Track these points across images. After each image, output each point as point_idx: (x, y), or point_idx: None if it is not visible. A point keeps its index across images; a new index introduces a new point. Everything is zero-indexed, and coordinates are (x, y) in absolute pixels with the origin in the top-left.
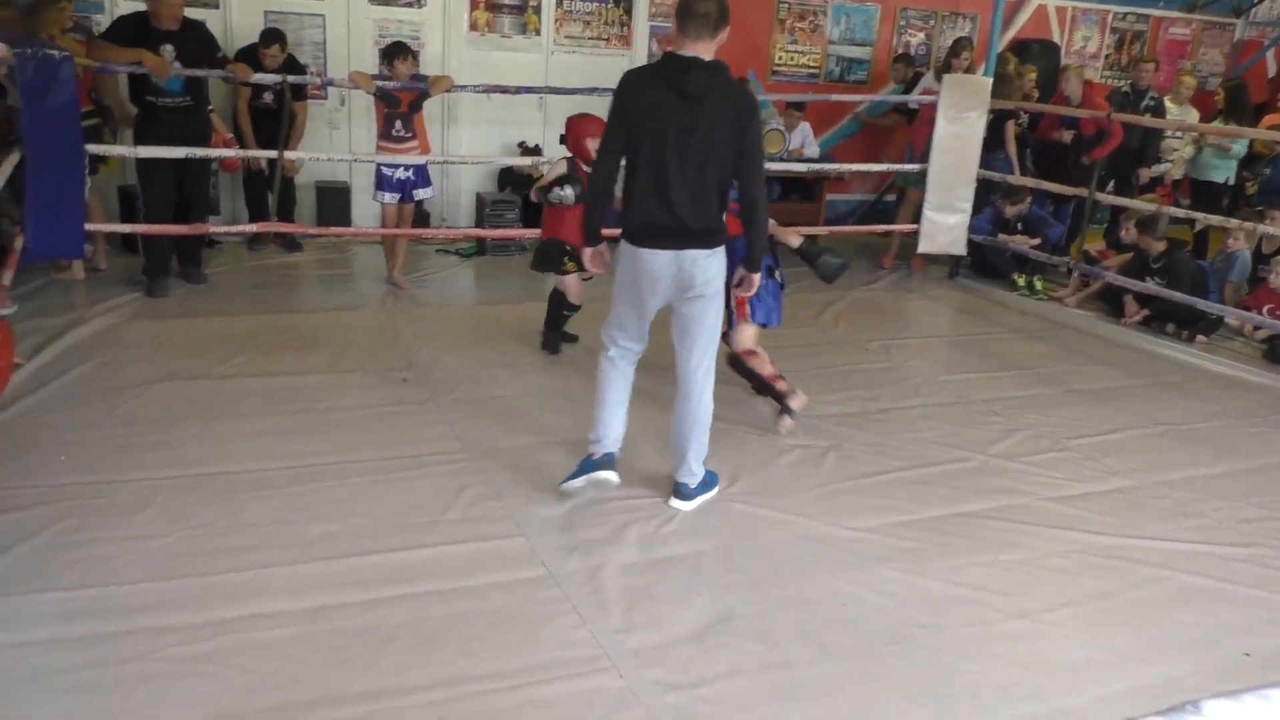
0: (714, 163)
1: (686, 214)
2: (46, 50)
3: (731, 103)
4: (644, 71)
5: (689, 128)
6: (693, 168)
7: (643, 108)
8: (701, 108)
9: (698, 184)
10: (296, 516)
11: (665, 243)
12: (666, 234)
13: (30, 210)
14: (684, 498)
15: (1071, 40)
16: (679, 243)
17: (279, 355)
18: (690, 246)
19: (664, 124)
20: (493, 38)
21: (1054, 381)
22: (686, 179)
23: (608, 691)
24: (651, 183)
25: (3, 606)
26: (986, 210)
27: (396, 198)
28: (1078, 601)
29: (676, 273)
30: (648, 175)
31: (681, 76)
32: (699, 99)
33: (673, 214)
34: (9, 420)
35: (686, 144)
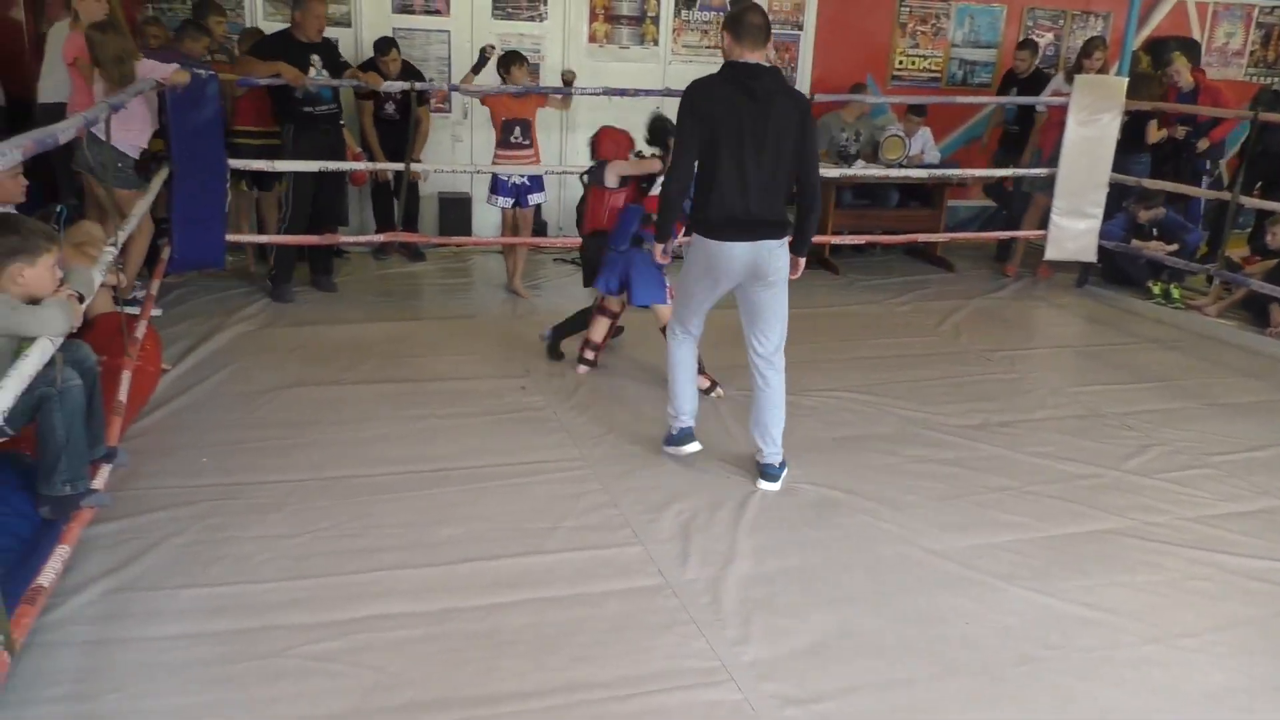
0: (784, 159)
1: (761, 207)
2: (194, 69)
3: (795, 103)
4: (713, 80)
5: (762, 128)
6: (767, 164)
7: (718, 113)
8: (771, 109)
9: (771, 179)
10: (421, 520)
11: (743, 235)
12: (744, 226)
13: (176, 222)
14: (771, 479)
15: (1213, 37)
16: (755, 234)
17: (403, 362)
18: (765, 238)
19: (740, 125)
20: (611, 49)
21: (1193, 394)
22: (762, 175)
23: (725, 704)
24: (730, 179)
25: (151, 601)
26: (1119, 215)
27: (510, 202)
28: (1220, 627)
29: (753, 262)
30: (727, 172)
31: (752, 82)
32: (769, 101)
33: (749, 208)
34: (157, 423)
35: (761, 142)
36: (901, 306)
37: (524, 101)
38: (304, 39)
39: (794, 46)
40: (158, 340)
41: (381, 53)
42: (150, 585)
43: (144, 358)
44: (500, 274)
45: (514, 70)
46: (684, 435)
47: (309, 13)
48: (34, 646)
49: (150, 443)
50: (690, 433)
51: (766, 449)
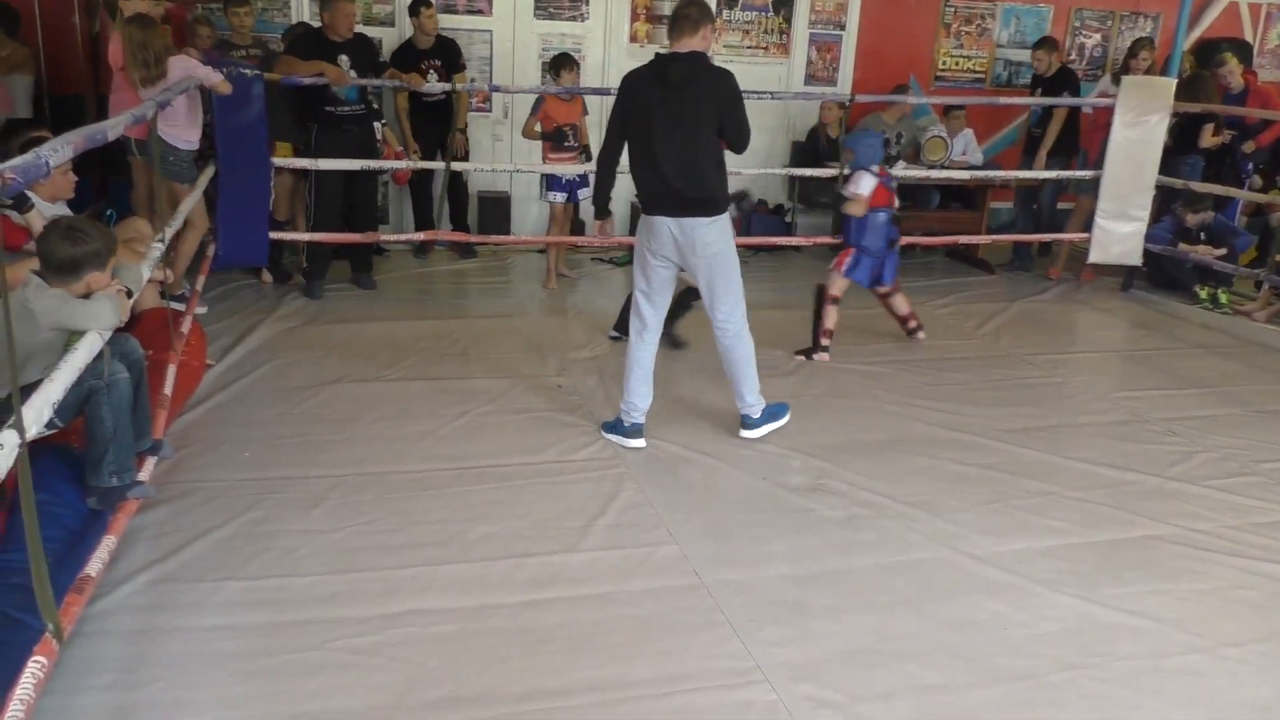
0: (701, 138)
1: (682, 185)
2: (240, 69)
3: (709, 82)
4: (638, 70)
5: (676, 111)
6: (682, 144)
7: (635, 100)
8: (683, 92)
9: (689, 158)
10: (459, 516)
11: (668, 210)
12: (668, 202)
13: (221, 219)
14: (749, 427)
15: (1266, 38)
16: (680, 210)
17: (442, 360)
18: (689, 214)
19: (651, 109)
20: (652, 49)
21: (1241, 401)
22: (679, 154)
23: (759, 705)
24: (649, 160)
25: (194, 592)
26: (1165, 218)
27: (564, 196)
28: (1266, 637)
29: (679, 237)
30: (647, 154)
31: (666, 69)
32: (681, 86)
33: (669, 186)
34: (201, 416)
35: (674, 124)
36: (942, 309)
37: (572, 106)
38: (335, 38)
39: (836, 46)
40: (203, 336)
41: (414, 14)
42: (194, 577)
43: (189, 353)
44: (540, 272)
45: (563, 74)
46: (634, 429)
47: (338, 12)
48: (81, 635)
49: (194, 436)
50: (640, 428)
51: (741, 403)
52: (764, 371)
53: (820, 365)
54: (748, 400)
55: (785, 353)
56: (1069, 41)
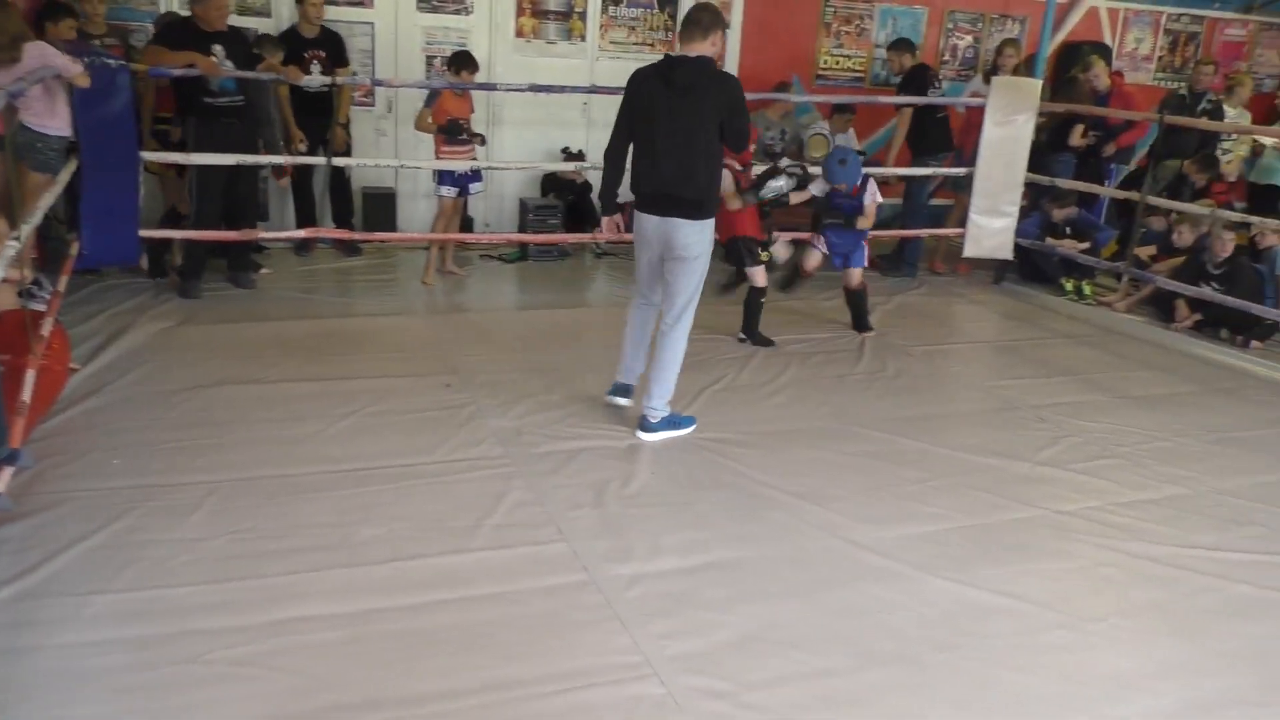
0: (698, 141)
1: (673, 186)
2: (104, 59)
3: (715, 88)
4: (645, 69)
5: (678, 112)
6: (679, 146)
7: (640, 99)
8: (687, 96)
9: (683, 160)
10: (343, 520)
11: (654, 209)
12: (655, 201)
13: (85, 216)
14: (645, 429)
15: (1124, 42)
16: (665, 210)
17: (326, 360)
18: (674, 214)
19: (654, 110)
20: (538, 44)
21: (1104, 388)
22: (673, 156)
23: (649, 698)
24: (645, 158)
25: (59, 607)
26: (1034, 214)
27: (456, 191)
28: (1127, 612)
29: (662, 235)
30: (643, 152)
31: (673, 71)
32: (685, 89)
33: (660, 186)
34: (65, 423)
35: (673, 126)
36: (825, 302)
37: (463, 101)
38: (206, 28)
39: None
40: (66, 338)
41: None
42: (60, 591)
43: (50, 356)
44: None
45: (463, 73)
46: (618, 388)
47: (210, 4)
48: None
49: (58, 444)
50: (624, 388)
51: (646, 402)
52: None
53: (702, 359)
54: (654, 403)
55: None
56: (942, 42)
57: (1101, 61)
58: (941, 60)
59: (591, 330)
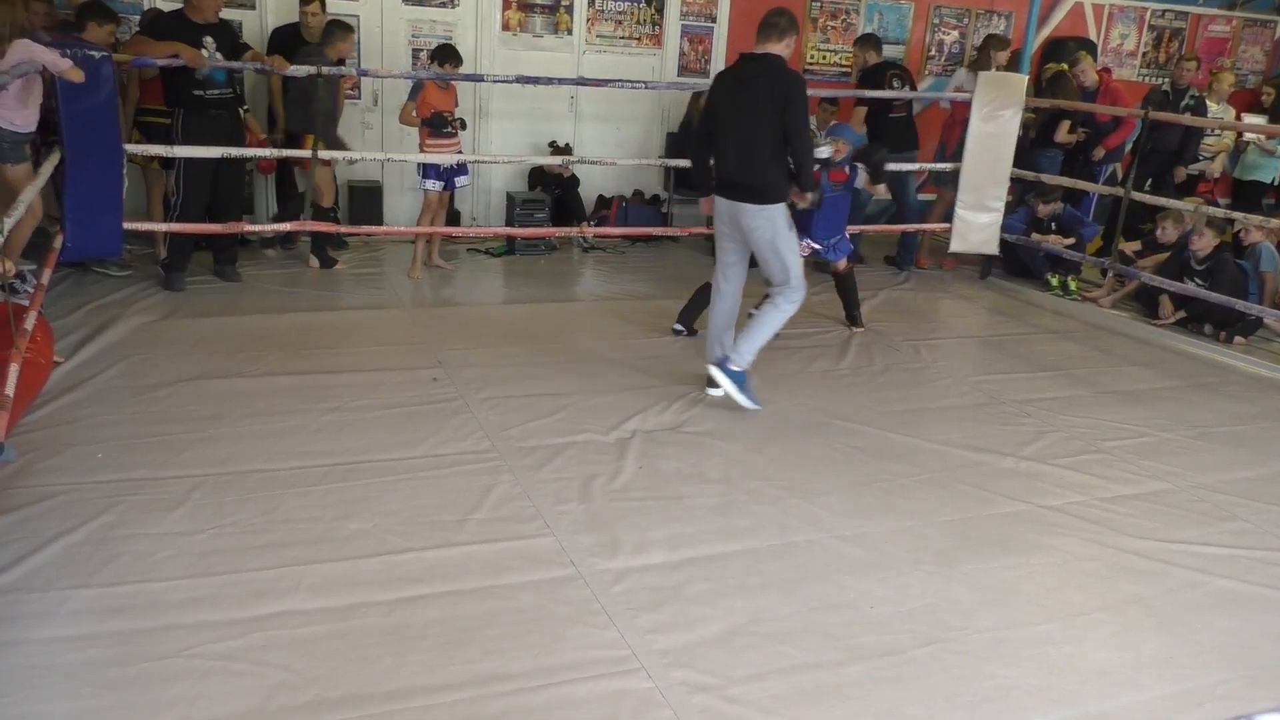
0: (761, 132)
1: (739, 173)
2: (86, 50)
3: (773, 84)
4: (723, 70)
5: (741, 106)
6: (744, 136)
7: (716, 94)
8: (752, 90)
9: (748, 149)
10: (328, 514)
11: (725, 193)
12: (727, 186)
13: (69, 209)
14: (723, 370)
15: (1108, 38)
16: (734, 194)
17: (311, 354)
18: (741, 199)
19: (728, 103)
20: (525, 37)
21: (1088, 383)
22: (740, 145)
23: (635, 692)
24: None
25: (41, 602)
26: (1020, 209)
27: (441, 185)
28: (1111, 606)
29: (732, 217)
30: (718, 142)
31: (742, 68)
32: (751, 84)
33: (728, 173)
34: (48, 417)
35: (736, 119)
36: (813, 296)
37: (448, 94)
38: (198, 20)
39: (708, 39)
40: (49, 331)
41: (303, 2)
42: (40, 586)
43: (33, 349)
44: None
45: (447, 66)
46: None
47: None
48: None
49: (41, 438)
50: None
51: (733, 350)
52: (641, 356)
53: (685, 353)
54: (741, 353)
55: (660, 337)
56: (928, 37)
57: (1089, 58)
58: (927, 55)
59: (579, 324)
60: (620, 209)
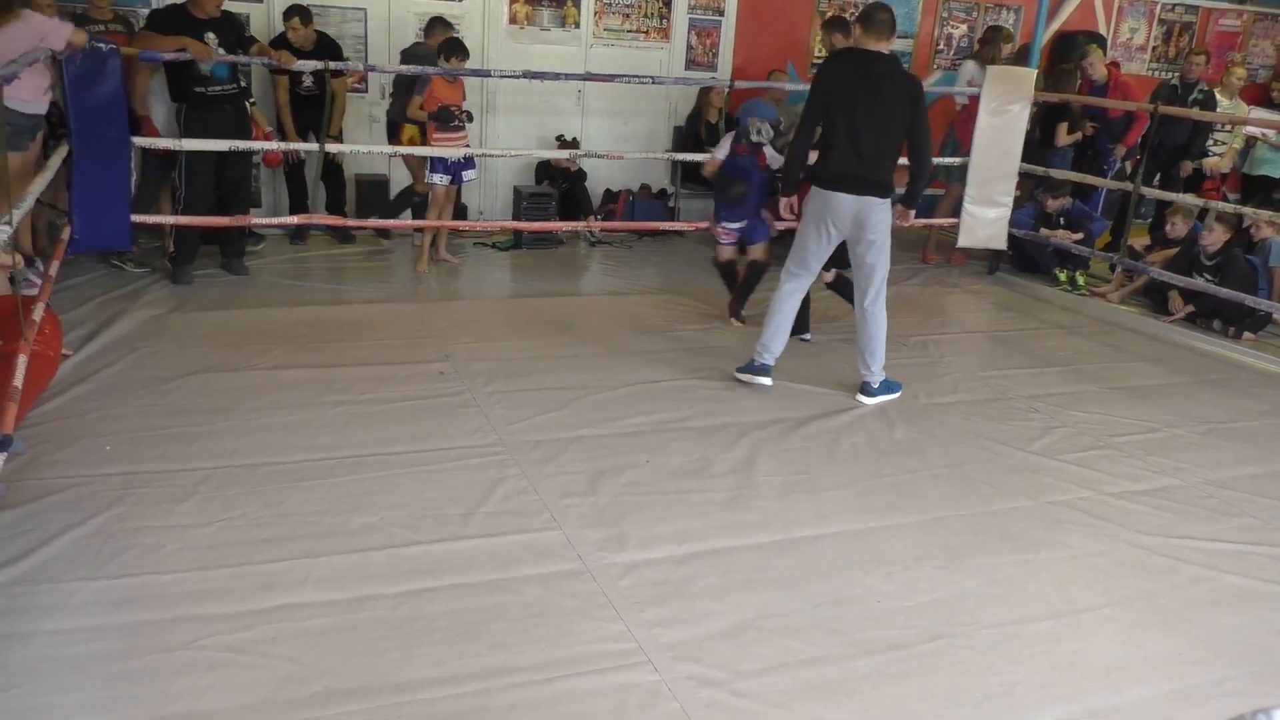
0: (892, 130)
1: (869, 168)
2: (94, 43)
3: (906, 85)
4: (836, 62)
5: (875, 102)
6: (875, 132)
7: (842, 87)
8: (884, 87)
9: (879, 144)
10: (336, 507)
11: (851, 188)
12: (853, 181)
13: (76, 201)
14: (867, 394)
15: (1118, 32)
16: (861, 189)
17: (318, 347)
18: (869, 194)
19: (856, 99)
20: (532, 30)
21: (1096, 378)
22: (871, 141)
23: (642, 686)
24: (845, 142)
25: (50, 594)
26: (1028, 204)
27: (448, 179)
28: (1118, 602)
29: (856, 214)
30: (842, 137)
31: (870, 65)
32: (882, 81)
33: (858, 168)
34: (57, 409)
35: (871, 114)
36: (820, 291)
37: (455, 88)
38: (200, 15)
39: (715, 32)
40: (58, 324)
41: (285, 19)
42: (50, 578)
43: (42, 342)
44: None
45: (454, 60)
46: (762, 368)
47: None
48: None
49: (50, 430)
50: (767, 369)
51: (864, 371)
52: (649, 350)
53: (693, 347)
54: (872, 369)
55: (668, 331)
56: (937, 31)
57: (1099, 51)
58: (936, 49)
59: (585, 318)
60: (627, 203)
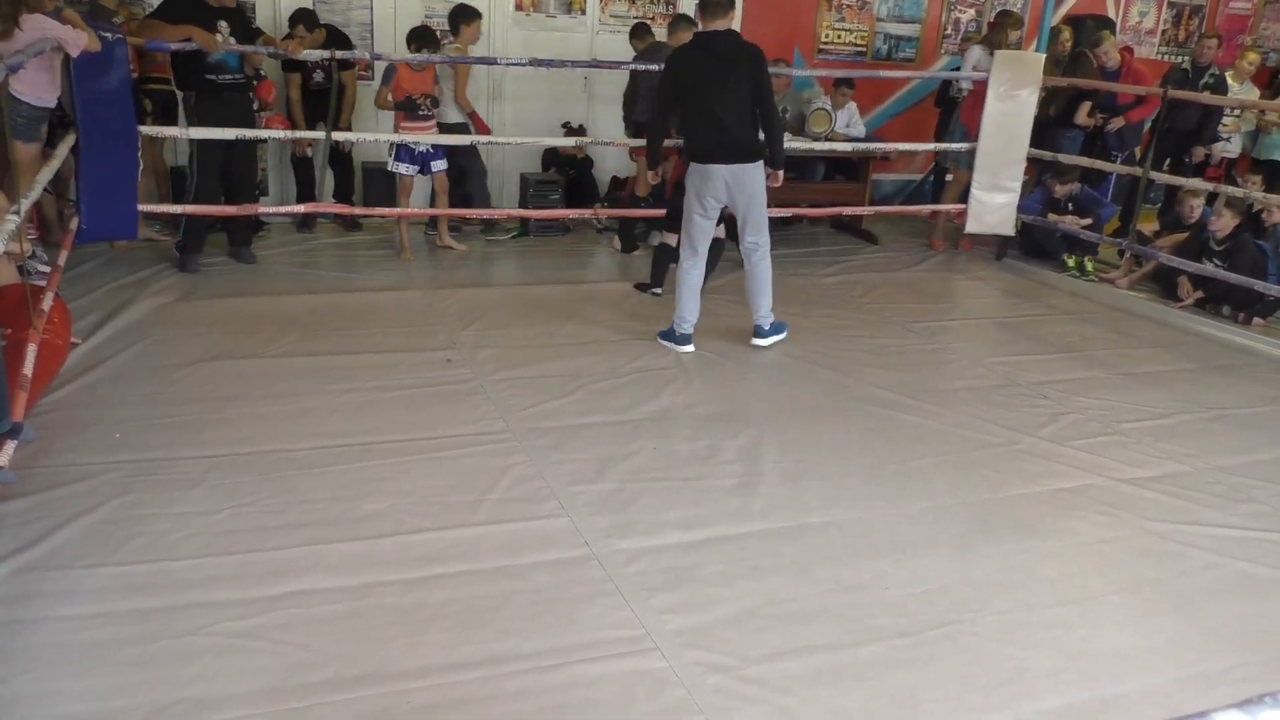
0: (744, 99)
1: (734, 136)
2: (100, 32)
3: (748, 56)
4: (684, 49)
5: (723, 77)
6: (730, 104)
7: (689, 70)
8: (728, 61)
9: (735, 112)
10: (345, 494)
11: (722, 158)
12: (723, 152)
13: (84, 191)
14: (760, 336)
15: (1127, 15)
16: (731, 158)
17: (327, 335)
18: (738, 160)
19: (709, 75)
20: (538, 17)
21: (1105, 364)
22: (729, 112)
23: (650, 672)
24: (704, 118)
25: (62, 580)
26: (1037, 190)
27: (416, 169)
28: (1127, 588)
29: (732, 179)
30: (701, 113)
31: (712, 43)
32: (727, 57)
33: (726, 138)
34: (67, 397)
35: (723, 88)
36: (828, 278)
37: (424, 76)
38: (213, 3)
39: None
40: (66, 312)
41: (290, 26)
42: (62, 564)
43: (51, 330)
44: (424, 245)
45: (424, 49)
46: (684, 338)
47: None
48: None
49: (60, 418)
50: (689, 338)
51: (756, 315)
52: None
53: (705, 336)
54: (762, 312)
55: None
56: (944, 16)
57: (1112, 37)
58: (943, 34)
59: (593, 306)
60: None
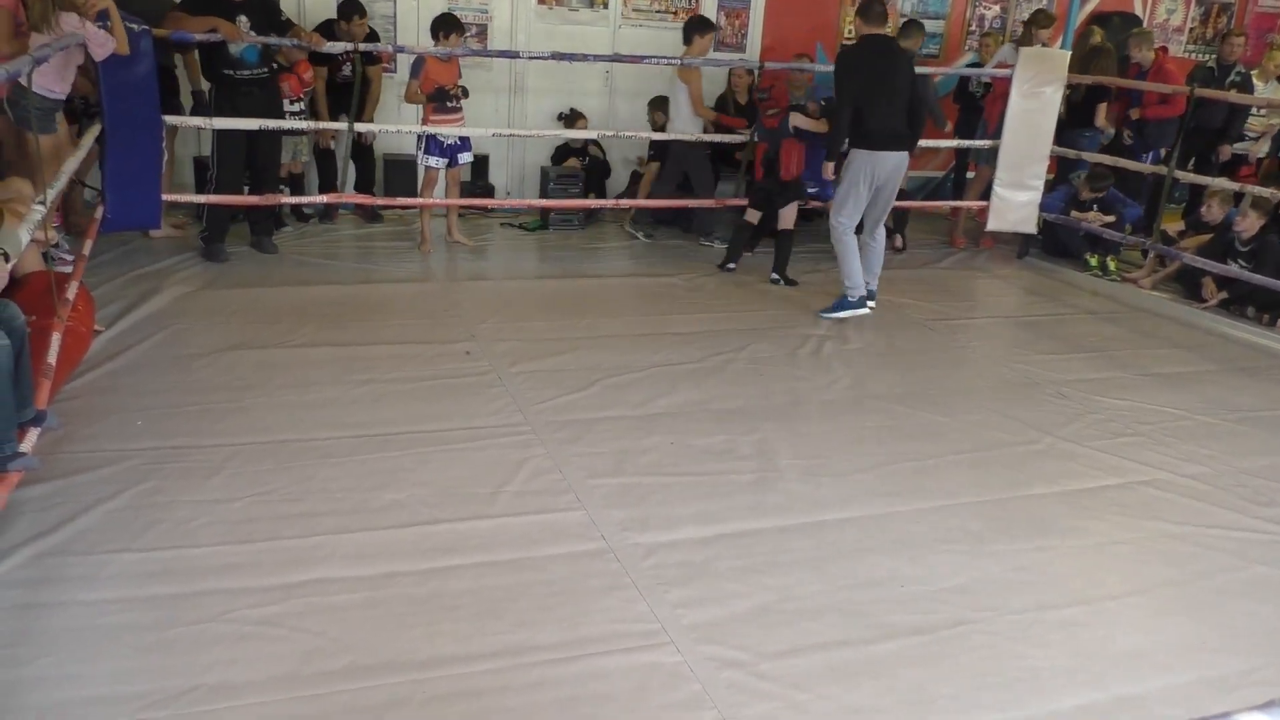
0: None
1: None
2: (126, 24)
3: (909, 60)
4: (859, 48)
5: (896, 75)
6: (900, 99)
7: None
8: (899, 63)
9: (903, 109)
10: (363, 484)
11: (898, 145)
12: (900, 140)
13: (109, 180)
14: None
15: (1154, 13)
16: (902, 145)
17: (346, 326)
18: (905, 149)
19: (886, 75)
20: (560, 11)
21: (1127, 365)
22: (901, 106)
23: (664, 666)
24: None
25: (83, 565)
26: (1061, 188)
27: (445, 162)
28: (1144, 589)
29: (896, 165)
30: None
31: (888, 46)
32: (897, 58)
33: (901, 127)
34: (89, 385)
35: (894, 85)
36: None
37: (451, 67)
38: None
39: (744, 14)
40: (90, 300)
41: (343, 18)
42: (83, 549)
43: (75, 318)
44: (442, 238)
45: (453, 37)
46: (860, 301)
47: None
48: None
49: (83, 405)
50: (864, 300)
51: (874, 283)
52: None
53: (718, 329)
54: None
55: (694, 314)
56: (969, 12)
57: (1149, 37)
58: (968, 30)
59: (611, 299)
60: None
